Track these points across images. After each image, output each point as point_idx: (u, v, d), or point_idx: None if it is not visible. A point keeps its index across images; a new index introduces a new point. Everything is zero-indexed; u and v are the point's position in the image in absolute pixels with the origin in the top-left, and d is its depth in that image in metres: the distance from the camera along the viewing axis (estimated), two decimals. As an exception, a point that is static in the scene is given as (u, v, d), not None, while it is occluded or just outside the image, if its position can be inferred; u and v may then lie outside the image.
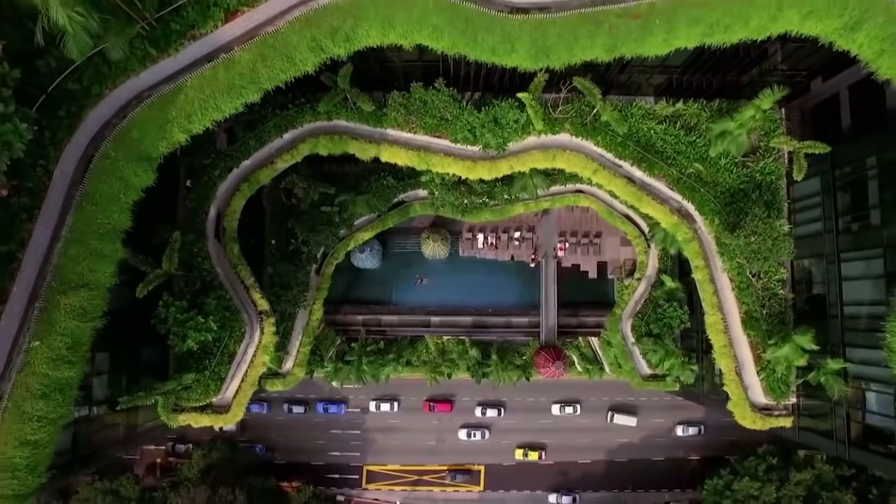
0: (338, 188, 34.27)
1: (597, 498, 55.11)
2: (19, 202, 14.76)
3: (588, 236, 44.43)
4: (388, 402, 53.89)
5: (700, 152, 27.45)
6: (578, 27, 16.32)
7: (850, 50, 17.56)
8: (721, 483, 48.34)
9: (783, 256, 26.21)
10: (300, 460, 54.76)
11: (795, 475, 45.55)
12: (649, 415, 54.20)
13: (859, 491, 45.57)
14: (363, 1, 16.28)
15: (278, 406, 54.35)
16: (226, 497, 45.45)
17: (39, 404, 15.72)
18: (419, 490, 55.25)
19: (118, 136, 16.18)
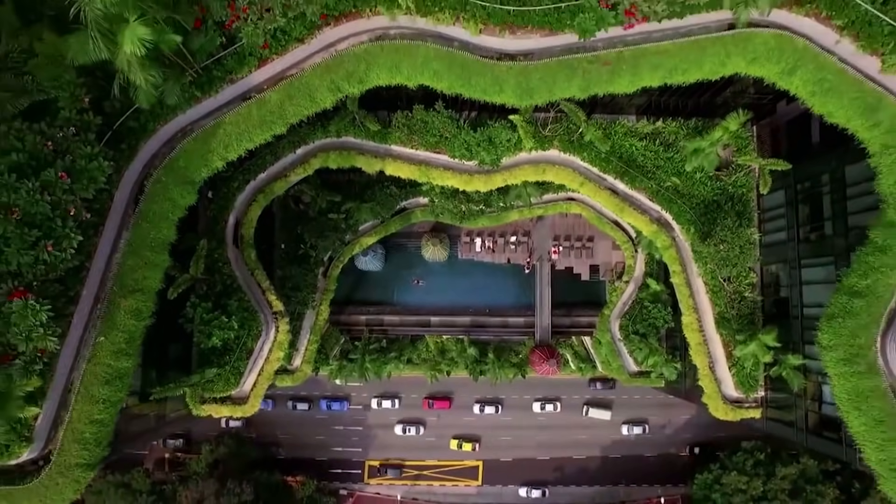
0: (344, 196, 38.09)
1: (591, 492, 59.09)
2: (88, 221, 18.53)
3: (581, 240, 48.25)
4: (389, 400, 57.83)
5: (677, 167, 31.24)
6: (557, 72, 20.12)
7: (789, 90, 21.35)
8: (711, 478, 52.29)
9: (749, 263, 30.08)
10: (304, 455, 58.77)
11: (781, 470, 49.50)
12: (641, 412, 58.10)
13: (842, 485, 49.45)
14: (374, 49, 20.06)
15: (283, 403, 58.31)
16: (233, 490, 49.42)
17: (104, 389, 19.54)
18: (419, 485, 59.23)
19: (167, 165, 19.99)
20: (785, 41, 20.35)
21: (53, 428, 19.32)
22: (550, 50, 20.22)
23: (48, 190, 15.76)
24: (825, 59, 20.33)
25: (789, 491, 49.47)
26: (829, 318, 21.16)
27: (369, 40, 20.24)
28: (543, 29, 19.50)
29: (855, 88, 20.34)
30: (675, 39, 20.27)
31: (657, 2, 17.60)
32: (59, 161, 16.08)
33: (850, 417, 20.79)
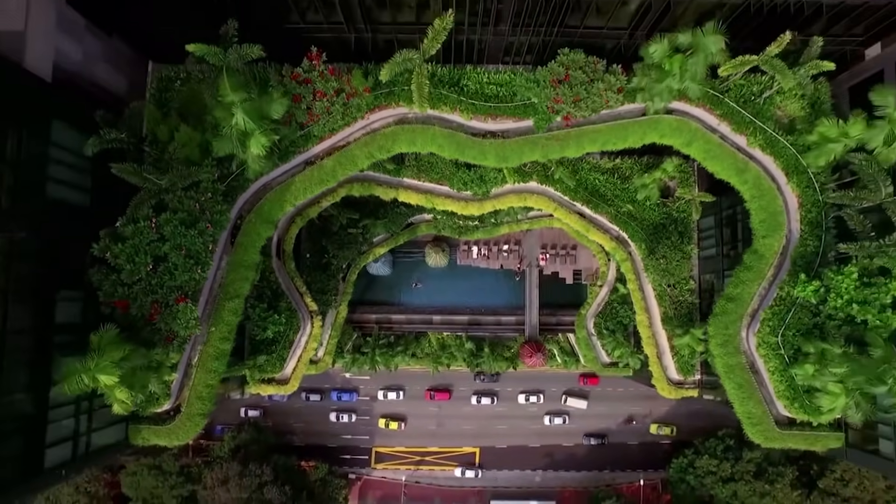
0: (361, 214, 50.51)
1: (580, 477, 71.64)
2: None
3: (565, 248, 60.78)
4: (395, 391, 70.22)
5: (631, 196, 43.63)
6: (524, 145, 32.53)
7: (690, 154, 33.69)
8: (685, 462, 64.74)
9: (684, 273, 42.54)
10: (316, 443, 71.29)
11: (748, 454, 61.72)
12: (625, 404, 70.60)
13: (803, 468, 62.03)
14: (398, 129, 32.43)
15: (297, 395, 70.60)
16: (254, 471, 61.71)
17: (214, 363, 32.03)
18: (422, 469, 71.86)
19: (256, 209, 32.36)
20: (683, 123, 32.69)
21: (181, 389, 31.82)
22: (518, 130, 32.65)
23: (201, 235, 28.13)
24: (711, 136, 32.69)
25: (754, 472, 61.82)
26: (714, 316, 33.75)
27: (394, 122, 32.61)
28: (514, 117, 31.89)
29: (731, 156, 32.72)
30: (608, 122, 32.62)
31: (583, 110, 29.91)
32: (204, 216, 28.51)
33: (726, 383, 33.40)
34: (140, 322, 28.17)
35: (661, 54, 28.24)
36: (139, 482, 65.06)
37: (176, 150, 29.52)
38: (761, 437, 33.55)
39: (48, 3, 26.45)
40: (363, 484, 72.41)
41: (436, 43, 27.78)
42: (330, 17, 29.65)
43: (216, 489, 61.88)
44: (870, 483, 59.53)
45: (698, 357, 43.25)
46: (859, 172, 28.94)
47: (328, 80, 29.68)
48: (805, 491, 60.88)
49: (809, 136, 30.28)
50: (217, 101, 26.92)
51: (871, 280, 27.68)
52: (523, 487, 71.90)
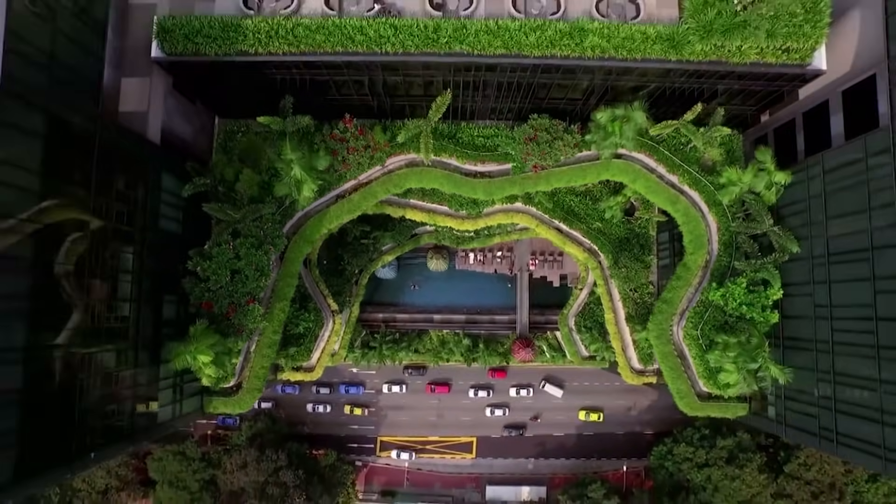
0: (372, 227, 65.11)
1: (569, 464, 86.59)
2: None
3: (553, 255, 75.53)
4: (398, 385, 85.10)
5: (600, 214, 58.22)
6: (504, 183, 47.32)
7: (637, 189, 48.32)
8: (665, 449, 79.65)
9: (643, 279, 57.16)
10: (325, 432, 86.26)
11: (721, 441, 76.55)
12: (611, 397, 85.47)
13: (771, 454, 76.84)
14: (408, 171, 47.15)
15: (308, 388, 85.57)
16: (270, 457, 76.50)
17: (267, 350, 46.85)
18: (423, 457, 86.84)
19: (300, 232, 47.07)
20: (629, 165, 47.32)
21: (242, 370, 46.65)
22: (500, 171, 47.42)
23: (266, 254, 42.91)
24: (650, 175, 47.36)
25: (726, 458, 76.47)
26: (653, 315, 48.66)
27: (406, 165, 47.29)
28: (497, 162, 46.62)
29: (666, 191, 47.41)
30: (571, 165, 47.27)
31: (548, 160, 44.61)
32: (266, 239, 43.32)
33: (662, 367, 48.30)
34: (220, 318, 43.01)
35: (606, 120, 42.96)
36: (165, 467, 79.63)
37: (242, 188, 44.21)
38: (688, 408, 48.49)
39: (160, 89, 41.09)
40: (368, 471, 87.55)
41: (438, 113, 42.53)
42: (359, 92, 44.31)
43: (235, 473, 76.63)
44: (829, 467, 74.14)
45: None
46: (750, 208, 43.70)
47: (358, 138, 44.49)
48: (772, 475, 75.30)
49: (720, 178, 44.98)
50: (279, 156, 41.64)
51: (755, 288, 42.45)
52: (517, 474, 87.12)
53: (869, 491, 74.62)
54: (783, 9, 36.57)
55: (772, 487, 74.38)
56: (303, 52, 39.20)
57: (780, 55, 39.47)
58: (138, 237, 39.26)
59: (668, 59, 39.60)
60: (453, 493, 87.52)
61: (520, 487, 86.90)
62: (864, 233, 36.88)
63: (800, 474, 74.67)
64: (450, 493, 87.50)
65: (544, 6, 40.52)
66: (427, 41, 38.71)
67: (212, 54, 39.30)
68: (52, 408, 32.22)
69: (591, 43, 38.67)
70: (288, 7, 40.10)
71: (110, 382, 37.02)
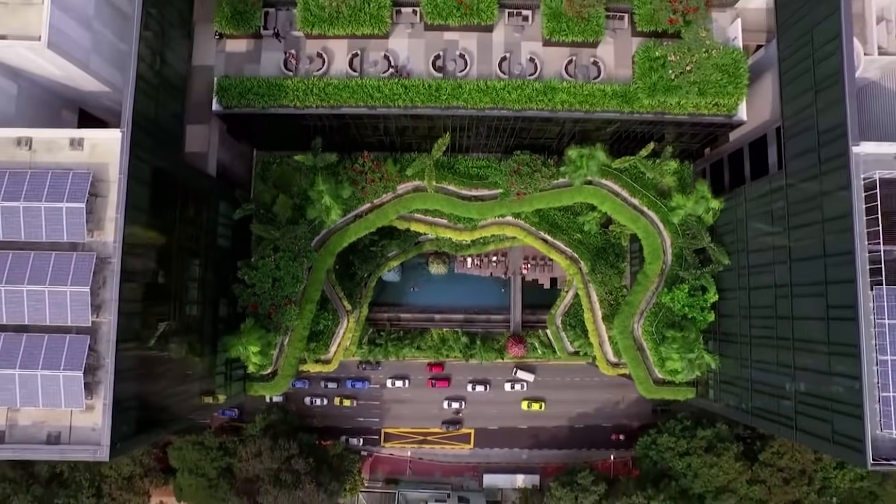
0: (380, 235, 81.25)
1: (561, 454, 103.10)
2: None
3: (544, 260, 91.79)
4: (401, 380, 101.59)
5: (580, 227, 74.42)
6: (494, 205, 63.85)
7: (605, 210, 64.49)
8: (649, 440, 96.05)
9: (617, 284, 73.35)
10: (333, 424, 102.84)
11: (700, 432, 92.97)
12: (600, 392, 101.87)
13: (748, 444, 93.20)
14: (415, 196, 63.63)
15: (317, 383, 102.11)
16: (283, 445, 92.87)
17: (298, 343, 63.27)
18: (424, 447, 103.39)
19: (325, 246, 63.27)
20: (598, 190, 63.57)
21: (277, 360, 63.02)
22: (491, 195, 63.84)
23: (300, 265, 59.19)
24: (615, 198, 63.64)
25: (705, 448, 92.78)
26: (617, 314, 65.06)
27: (413, 190, 63.61)
28: (487, 188, 62.99)
29: (629, 211, 63.70)
30: (549, 191, 63.45)
31: (530, 189, 60.72)
32: (300, 253, 59.60)
33: (625, 357, 64.65)
34: (263, 317, 59.28)
35: (575, 156, 59.17)
36: (184, 455, 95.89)
37: (279, 210, 60.43)
38: (646, 392, 64.88)
39: (216, 133, 57.33)
40: (373, 460, 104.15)
41: (439, 151, 58.84)
42: (375, 132, 60.49)
43: (250, 461, 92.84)
44: (800, 455, 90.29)
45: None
46: (693, 228, 59.96)
47: (374, 171, 60.74)
48: (748, 463, 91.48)
49: (671, 202, 61.13)
50: (311, 186, 57.84)
51: (696, 293, 58.77)
52: (512, 463, 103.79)
53: (836, 477, 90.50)
54: (707, 78, 52.58)
55: (747, 474, 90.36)
56: (332, 105, 55.39)
57: (711, 108, 55.59)
58: (202, 252, 55.59)
59: (622, 111, 55.80)
60: (452, 481, 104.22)
61: (515, 476, 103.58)
62: (770, 250, 53.11)
63: (773, 462, 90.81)
64: (449, 480, 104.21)
65: (524, 68, 56.64)
66: (430, 98, 54.87)
67: (259, 107, 55.46)
68: (152, 383, 48.53)
69: (561, 99, 54.82)
70: (319, 70, 56.27)
71: (185, 366, 53.34)
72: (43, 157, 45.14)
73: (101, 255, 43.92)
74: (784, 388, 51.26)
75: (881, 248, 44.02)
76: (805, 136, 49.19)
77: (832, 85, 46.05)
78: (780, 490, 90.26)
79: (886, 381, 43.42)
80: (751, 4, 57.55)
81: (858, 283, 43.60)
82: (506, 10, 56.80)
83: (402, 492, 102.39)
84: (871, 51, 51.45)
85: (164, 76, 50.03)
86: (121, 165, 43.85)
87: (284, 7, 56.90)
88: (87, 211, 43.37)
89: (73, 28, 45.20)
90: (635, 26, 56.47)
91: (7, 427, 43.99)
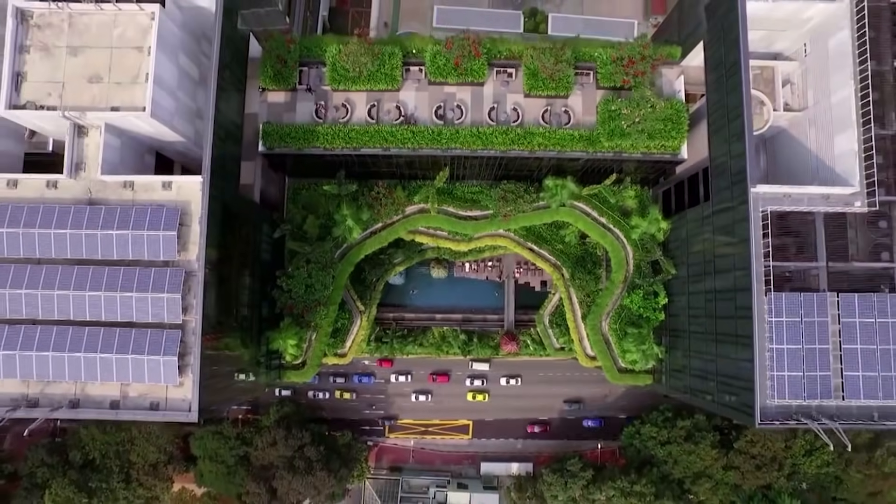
0: (388, 245, 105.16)
1: (553, 444, 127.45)
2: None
3: (535, 265, 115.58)
4: (404, 375, 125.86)
5: (562, 238, 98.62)
6: (486, 223, 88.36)
7: (579, 227, 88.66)
8: (633, 430, 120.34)
9: (593, 288, 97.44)
10: (341, 416, 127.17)
11: (680, 422, 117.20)
12: (592, 387, 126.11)
13: (725, 434, 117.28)
14: (420, 216, 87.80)
15: (326, 378, 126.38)
16: (296, 435, 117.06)
17: (324, 338, 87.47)
18: (426, 438, 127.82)
19: (346, 257, 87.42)
20: (572, 211, 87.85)
21: (306, 352, 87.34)
22: (483, 216, 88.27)
23: (329, 274, 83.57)
24: (586, 217, 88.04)
25: (684, 437, 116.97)
26: (589, 315, 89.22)
27: (418, 212, 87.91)
28: (481, 209, 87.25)
29: (598, 228, 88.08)
30: (530, 212, 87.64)
31: (515, 211, 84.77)
32: (328, 264, 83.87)
33: (595, 351, 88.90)
34: (297, 316, 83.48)
35: (551, 185, 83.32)
36: (205, 444, 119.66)
37: (309, 228, 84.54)
38: (612, 378, 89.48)
39: (260, 168, 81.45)
40: (379, 450, 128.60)
41: (440, 182, 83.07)
42: (388, 166, 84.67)
43: (266, 449, 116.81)
44: (771, 444, 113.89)
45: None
46: (648, 243, 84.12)
47: (387, 197, 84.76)
48: (723, 450, 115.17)
49: (631, 222, 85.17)
50: (337, 211, 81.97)
51: (649, 297, 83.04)
52: (507, 452, 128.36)
53: (805, 463, 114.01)
54: (653, 127, 76.40)
55: (723, 461, 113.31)
56: (354, 147, 79.39)
57: (659, 148, 79.51)
58: (251, 265, 79.81)
59: (587, 151, 79.76)
60: (452, 469, 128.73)
61: (510, 464, 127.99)
62: (703, 263, 77.27)
63: (746, 450, 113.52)
64: (449, 468, 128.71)
65: (509, 116, 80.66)
66: (433, 141, 78.81)
67: (295, 148, 79.42)
68: (219, 367, 72.70)
69: (538, 141, 78.76)
70: (344, 117, 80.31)
71: (239, 356, 77.56)
72: (142, 196, 69.13)
73: (187, 270, 67.94)
74: (711, 372, 75.44)
75: (771, 264, 68.01)
76: (723, 176, 73.19)
77: (739, 140, 69.86)
78: (753, 475, 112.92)
79: (773, 363, 67.58)
80: (693, 63, 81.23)
81: (753, 290, 67.61)
82: (494, 69, 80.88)
83: (405, 479, 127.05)
84: (779, 107, 75.79)
85: (227, 128, 73.79)
86: (203, 204, 67.81)
87: (315, 66, 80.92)
88: (177, 237, 67.37)
89: (165, 98, 69.11)
90: (598, 82, 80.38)
91: (121, 397, 68.17)
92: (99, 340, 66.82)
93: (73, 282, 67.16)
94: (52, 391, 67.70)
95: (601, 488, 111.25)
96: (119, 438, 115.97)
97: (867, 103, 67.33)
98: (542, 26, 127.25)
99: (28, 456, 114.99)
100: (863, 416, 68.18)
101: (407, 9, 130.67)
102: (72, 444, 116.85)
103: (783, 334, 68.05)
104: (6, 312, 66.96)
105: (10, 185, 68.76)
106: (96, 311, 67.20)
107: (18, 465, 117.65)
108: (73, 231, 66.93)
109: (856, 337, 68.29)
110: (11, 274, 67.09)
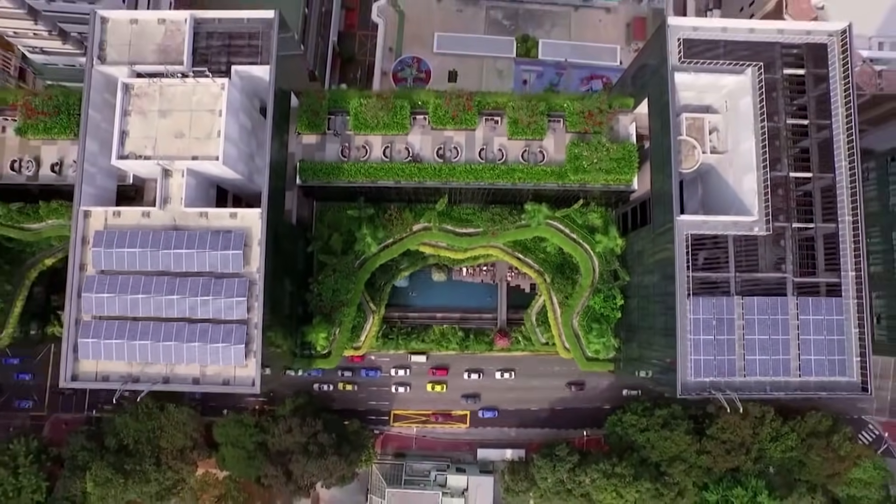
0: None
1: (544, 433, 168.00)
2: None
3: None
4: (405, 369, 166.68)
5: (544, 249, 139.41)
6: (478, 238, 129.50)
7: (554, 242, 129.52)
8: (616, 418, 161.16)
9: (570, 291, 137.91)
10: (350, 407, 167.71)
11: (658, 411, 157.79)
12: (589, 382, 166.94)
13: (698, 422, 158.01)
14: (425, 232, 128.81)
15: (333, 372, 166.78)
16: (310, 423, 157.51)
17: (347, 332, 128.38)
18: (427, 427, 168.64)
19: (363, 267, 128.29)
20: (549, 229, 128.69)
21: (331, 344, 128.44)
22: (476, 232, 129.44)
23: (353, 280, 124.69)
24: (561, 234, 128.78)
25: (661, 424, 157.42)
26: (563, 313, 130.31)
27: (422, 229, 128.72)
28: (474, 227, 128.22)
29: (571, 243, 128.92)
30: (514, 230, 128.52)
31: (502, 229, 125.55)
32: (352, 273, 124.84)
33: (568, 343, 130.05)
34: (326, 315, 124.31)
35: (530, 209, 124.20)
36: (227, 432, 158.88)
37: (333, 244, 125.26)
38: (582, 366, 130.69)
39: (296, 196, 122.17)
40: (384, 438, 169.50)
41: (440, 207, 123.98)
42: (398, 194, 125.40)
43: (283, 436, 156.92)
44: (740, 430, 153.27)
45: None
46: (608, 256, 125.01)
47: (397, 218, 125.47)
48: (697, 436, 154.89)
49: (596, 238, 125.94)
50: (358, 230, 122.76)
51: (609, 299, 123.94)
52: (502, 440, 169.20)
53: (771, 448, 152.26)
54: (609, 166, 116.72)
55: (696, 446, 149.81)
56: (372, 180, 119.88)
57: (616, 181, 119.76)
58: (291, 274, 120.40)
59: (558, 183, 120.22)
60: (451, 455, 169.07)
61: (504, 450, 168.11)
62: (648, 273, 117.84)
63: (717, 436, 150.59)
64: (449, 454, 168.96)
65: (495, 155, 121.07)
66: (435, 175, 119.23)
67: (325, 181, 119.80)
68: (269, 351, 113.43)
69: (518, 176, 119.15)
70: (364, 157, 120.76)
71: (282, 347, 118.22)
72: (214, 223, 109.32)
73: (250, 280, 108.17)
74: (651, 357, 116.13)
75: (690, 274, 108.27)
76: (660, 205, 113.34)
77: (669, 178, 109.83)
78: (723, 459, 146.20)
79: (692, 350, 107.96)
80: (643, 111, 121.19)
81: (677, 294, 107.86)
82: (484, 117, 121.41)
83: (409, 463, 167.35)
84: (707, 150, 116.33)
85: (275, 168, 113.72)
86: (262, 230, 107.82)
87: (341, 114, 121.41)
88: (242, 255, 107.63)
89: (231, 148, 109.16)
90: (567, 128, 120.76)
91: (201, 375, 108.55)
92: (185, 332, 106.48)
93: (164, 288, 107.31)
94: (149, 370, 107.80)
95: (586, 471, 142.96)
96: (150, 426, 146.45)
97: (765, 152, 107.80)
98: (534, 51, 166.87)
99: (69, 441, 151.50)
100: (758, 389, 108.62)
101: (410, 35, 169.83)
102: (107, 431, 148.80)
103: (700, 328, 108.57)
104: (116, 311, 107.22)
105: (115, 215, 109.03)
106: (182, 310, 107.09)
107: (62, 449, 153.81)
108: (164, 251, 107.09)
109: (755, 329, 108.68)
110: (119, 283, 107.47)
